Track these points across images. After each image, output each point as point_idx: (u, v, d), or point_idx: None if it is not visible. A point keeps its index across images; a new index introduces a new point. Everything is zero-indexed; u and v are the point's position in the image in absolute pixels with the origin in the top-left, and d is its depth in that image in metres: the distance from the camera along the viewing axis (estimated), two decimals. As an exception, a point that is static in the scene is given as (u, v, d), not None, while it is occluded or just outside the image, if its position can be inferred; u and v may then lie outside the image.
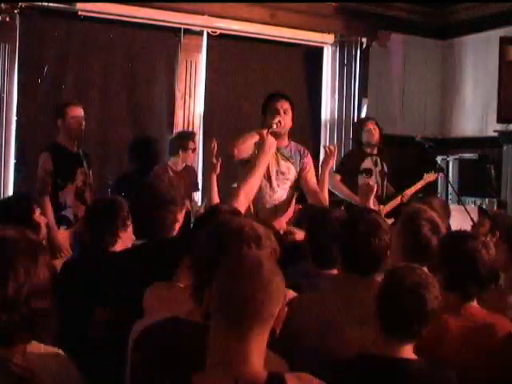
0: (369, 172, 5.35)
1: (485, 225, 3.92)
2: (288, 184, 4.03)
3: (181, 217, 2.71)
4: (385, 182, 5.43)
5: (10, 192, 5.24)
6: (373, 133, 5.40)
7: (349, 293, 2.24)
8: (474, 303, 2.31)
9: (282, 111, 3.97)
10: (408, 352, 1.93)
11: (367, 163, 5.39)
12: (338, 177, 5.35)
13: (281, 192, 3.98)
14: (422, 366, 1.93)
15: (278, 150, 3.96)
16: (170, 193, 2.67)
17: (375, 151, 5.46)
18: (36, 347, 1.55)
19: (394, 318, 1.92)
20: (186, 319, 1.74)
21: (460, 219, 4.43)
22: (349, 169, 5.41)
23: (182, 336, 1.70)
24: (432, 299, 1.91)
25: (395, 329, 1.92)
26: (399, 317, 1.91)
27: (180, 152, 5.21)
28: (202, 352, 1.61)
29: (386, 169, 5.45)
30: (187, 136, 5.32)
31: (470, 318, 2.25)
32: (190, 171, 5.33)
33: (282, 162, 4.02)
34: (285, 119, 3.97)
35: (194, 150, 5.32)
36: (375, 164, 5.41)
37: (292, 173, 4.05)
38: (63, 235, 4.40)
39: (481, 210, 4.31)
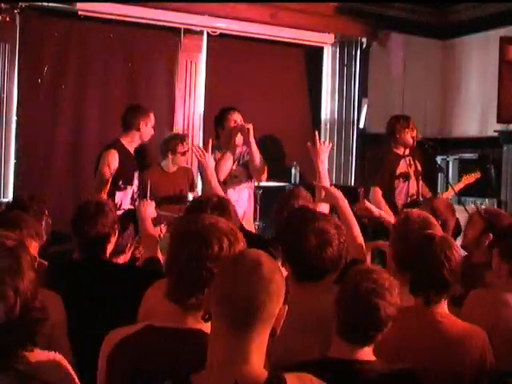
0: (405, 176, 5.14)
1: (476, 226, 3.61)
2: (243, 185, 4.71)
3: None
4: (420, 183, 5.28)
5: (10, 192, 5.25)
6: (415, 134, 5.15)
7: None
8: (442, 309, 2.25)
9: (238, 122, 4.69)
10: (367, 354, 1.93)
11: (403, 167, 5.16)
12: (379, 191, 5.08)
13: (234, 194, 4.61)
14: (382, 367, 1.92)
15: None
16: None
17: (408, 152, 5.23)
18: (37, 352, 1.55)
19: (349, 324, 1.91)
20: (161, 326, 1.74)
21: (460, 219, 4.42)
22: (386, 174, 5.16)
23: (158, 345, 1.70)
24: (387, 306, 1.89)
25: (351, 334, 1.92)
26: (354, 324, 1.90)
27: (169, 155, 5.16)
28: (180, 357, 1.65)
29: (419, 168, 5.25)
30: (176, 139, 5.22)
31: (434, 325, 2.19)
32: (186, 172, 5.30)
33: (234, 167, 4.66)
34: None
35: (183, 153, 5.22)
36: (410, 165, 5.20)
37: (244, 175, 4.69)
38: None
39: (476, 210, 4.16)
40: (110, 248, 2.81)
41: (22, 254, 1.50)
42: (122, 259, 2.99)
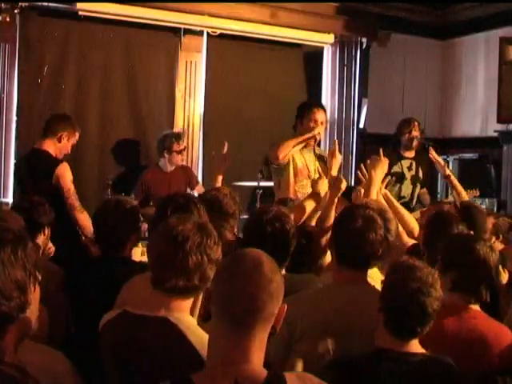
0: (398, 176, 5.18)
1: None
2: None
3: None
4: (417, 188, 5.29)
5: (10, 192, 5.24)
6: (414, 134, 5.24)
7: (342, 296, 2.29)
8: (477, 306, 2.36)
9: (319, 123, 4.44)
10: (415, 346, 2.00)
11: (398, 167, 5.23)
12: None
13: None
14: (431, 359, 2.01)
15: (314, 151, 4.46)
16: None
17: (412, 154, 5.31)
18: (29, 346, 1.53)
19: (396, 321, 1.99)
20: (132, 312, 1.83)
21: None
22: None
23: (130, 330, 1.80)
24: (432, 302, 1.97)
25: (398, 330, 2.00)
26: (402, 321, 1.98)
27: (165, 154, 5.13)
28: (150, 344, 1.74)
29: (420, 174, 5.30)
30: (171, 138, 5.15)
31: (471, 320, 2.29)
32: (184, 171, 5.29)
33: (318, 163, 4.41)
34: (321, 130, 4.49)
35: (179, 151, 5.15)
36: (409, 168, 5.27)
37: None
38: None
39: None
40: (130, 245, 2.84)
41: (6, 249, 1.43)
42: None
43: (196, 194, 4.98)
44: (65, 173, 4.17)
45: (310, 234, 2.97)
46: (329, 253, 2.78)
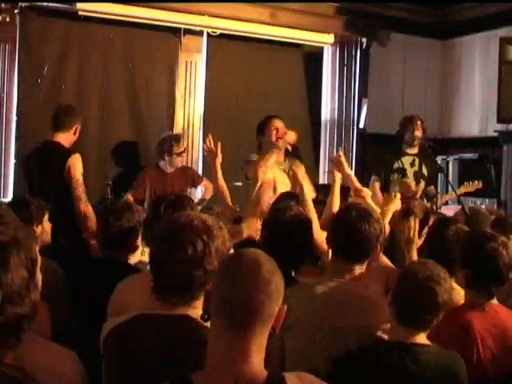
0: (401, 171, 5.20)
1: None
2: None
3: None
4: (421, 185, 5.27)
5: (10, 192, 5.24)
6: (416, 133, 5.25)
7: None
8: (495, 300, 2.42)
9: (280, 129, 4.40)
10: (421, 339, 2.07)
11: (398, 163, 5.24)
12: (377, 182, 5.21)
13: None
14: (435, 351, 2.07)
15: (279, 164, 4.39)
16: None
17: (415, 151, 5.31)
18: (36, 341, 1.50)
19: (408, 309, 2.06)
20: (152, 314, 1.79)
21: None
22: (383, 167, 5.29)
23: (151, 331, 1.76)
24: (442, 292, 2.04)
25: (409, 319, 2.07)
26: (413, 309, 2.05)
27: (166, 157, 5.13)
28: (175, 342, 1.72)
29: (424, 171, 5.31)
30: (171, 140, 5.12)
31: (494, 314, 2.35)
32: (184, 171, 5.28)
33: (285, 175, 4.37)
34: (284, 135, 4.41)
35: (179, 153, 5.13)
36: (412, 164, 5.27)
37: (289, 184, 4.35)
38: None
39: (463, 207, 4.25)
40: (132, 249, 2.82)
41: (12, 250, 1.41)
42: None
43: (203, 190, 5.08)
44: (77, 164, 4.15)
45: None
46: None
